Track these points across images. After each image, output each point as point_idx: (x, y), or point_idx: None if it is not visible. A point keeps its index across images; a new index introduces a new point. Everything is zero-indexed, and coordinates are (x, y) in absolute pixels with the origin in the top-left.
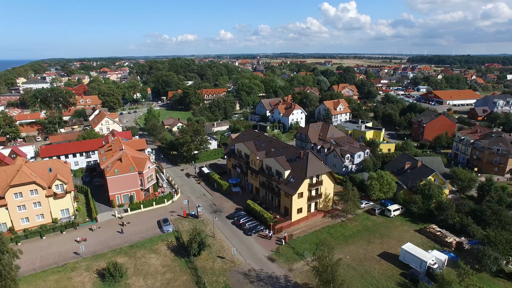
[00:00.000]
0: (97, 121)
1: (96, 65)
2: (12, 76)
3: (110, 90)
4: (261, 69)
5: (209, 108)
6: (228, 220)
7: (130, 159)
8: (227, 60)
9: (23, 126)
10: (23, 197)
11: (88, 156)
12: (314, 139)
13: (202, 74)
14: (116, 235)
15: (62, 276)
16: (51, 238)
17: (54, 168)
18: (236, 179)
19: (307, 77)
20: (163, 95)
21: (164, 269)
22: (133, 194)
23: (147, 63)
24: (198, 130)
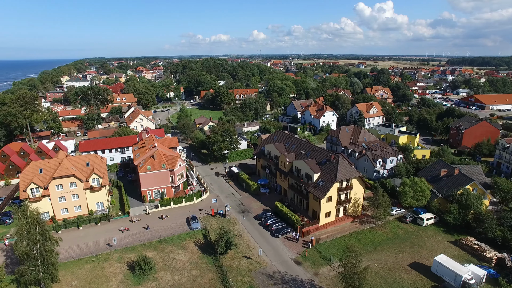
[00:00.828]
0: (132, 118)
1: (133, 64)
2: (57, 74)
3: (145, 88)
4: (293, 70)
5: (240, 108)
6: (256, 220)
7: (162, 157)
8: (259, 61)
9: (65, 122)
10: (63, 189)
11: (122, 152)
12: (345, 142)
13: (234, 74)
14: (144, 229)
15: (96, 265)
16: (87, 229)
17: (92, 162)
18: (265, 180)
19: (339, 79)
20: (196, 94)
21: (191, 265)
22: (163, 190)
23: (181, 62)
24: (228, 130)
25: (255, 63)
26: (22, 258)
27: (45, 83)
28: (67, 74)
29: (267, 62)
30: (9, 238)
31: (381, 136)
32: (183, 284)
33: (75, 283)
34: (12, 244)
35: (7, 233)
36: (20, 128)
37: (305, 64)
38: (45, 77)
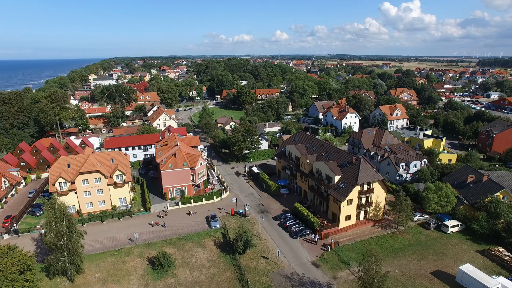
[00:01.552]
0: (155, 116)
1: (157, 64)
2: (85, 73)
3: (168, 87)
4: (316, 71)
5: (261, 108)
6: (275, 221)
7: (183, 155)
8: (281, 61)
9: (92, 119)
10: (89, 184)
11: (145, 150)
12: (367, 145)
13: (256, 74)
14: (168, 226)
15: (118, 259)
16: (110, 224)
17: (116, 159)
18: (285, 181)
19: (362, 80)
20: (218, 94)
21: (209, 263)
22: (184, 188)
23: (204, 62)
24: (250, 130)
25: (277, 63)
26: (51, 248)
27: (74, 82)
28: (95, 73)
29: (290, 63)
30: (39, 229)
31: (405, 139)
32: (201, 281)
33: (98, 275)
34: (42, 234)
35: (37, 224)
36: (50, 124)
37: (327, 64)
38: (74, 76)
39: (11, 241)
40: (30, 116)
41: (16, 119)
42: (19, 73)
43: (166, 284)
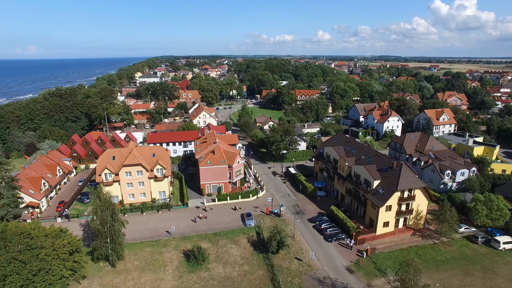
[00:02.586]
0: (196, 114)
1: (199, 62)
2: (132, 71)
3: (209, 86)
4: (358, 72)
5: (301, 109)
6: (310, 223)
7: (222, 153)
8: (322, 62)
9: (136, 115)
10: (131, 176)
11: (185, 146)
12: (410, 150)
13: (297, 75)
14: (203, 221)
15: (155, 250)
16: (149, 215)
17: (157, 153)
18: (322, 183)
19: (407, 83)
20: (258, 93)
21: (242, 260)
22: (221, 185)
23: (245, 61)
24: (288, 130)
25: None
26: (96, 234)
27: (122, 79)
28: (141, 71)
29: (331, 64)
30: (86, 215)
31: (452, 146)
32: (234, 278)
33: (136, 263)
34: (89, 221)
35: (85, 211)
36: (99, 118)
37: (370, 66)
38: (121, 73)
39: (63, 224)
40: (82, 110)
41: (70, 113)
42: (76, 70)
43: (200, 278)
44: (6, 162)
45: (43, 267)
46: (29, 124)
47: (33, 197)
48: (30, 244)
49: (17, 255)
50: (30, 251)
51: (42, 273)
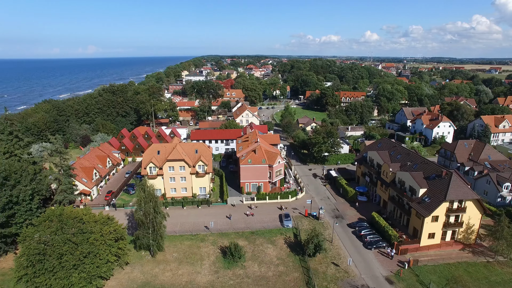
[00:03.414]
0: (239, 113)
1: (244, 62)
2: (179, 69)
3: (253, 85)
4: (407, 74)
5: (345, 111)
6: (349, 228)
7: (263, 152)
8: (369, 63)
9: (181, 112)
10: (174, 171)
11: (227, 144)
12: (462, 159)
13: (342, 76)
14: (240, 219)
15: (193, 243)
16: (189, 210)
17: (200, 150)
18: (364, 188)
19: (462, 86)
20: (301, 94)
21: (278, 261)
22: (261, 184)
23: (289, 62)
24: (331, 132)
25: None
26: (139, 224)
27: (169, 77)
28: (187, 69)
29: (378, 65)
30: (131, 206)
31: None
32: (269, 277)
33: (175, 255)
34: (133, 211)
35: (130, 202)
36: (147, 114)
37: (421, 68)
38: (169, 72)
39: (110, 212)
40: (132, 106)
41: (121, 108)
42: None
43: (235, 274)
44: (65, 152)
45: (92, 250)
46: (85, 118)
47: (85, 185)
48: (82, 228)
49: (71, 237)
50: (82, 235)
51: (91, 256)
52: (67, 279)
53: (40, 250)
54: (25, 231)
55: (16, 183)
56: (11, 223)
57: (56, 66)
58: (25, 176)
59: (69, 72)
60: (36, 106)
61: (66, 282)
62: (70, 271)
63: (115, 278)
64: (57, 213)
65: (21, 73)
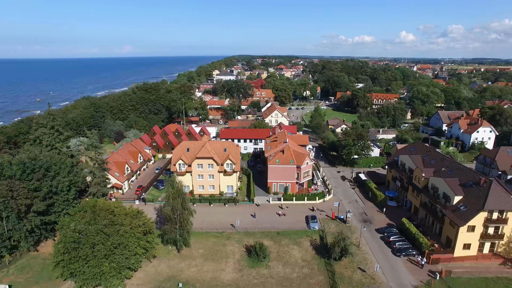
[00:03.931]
0: (268, 113)
1: (274, 62)
2: (210, 69)
3: (283, 85)
4: (444, 76)
5: (376, 114)
6: (377, 233)
7: (291, 153)
8: (403, 64)
9: (211, 110)
10: (202, 168)
11: (255, 143)
12: (504, 166)
13: (374, 78)
14: (266, 219)
15: (219, 241)
16: (216, 207)
17: (228, 149)
18: (394, 193)
19: (507, 89)
20: (332, 95)
21: (303, 263)
22: (288, 185)
23: (321, 62)
24: (361, 135)
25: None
26: (167, 219)
27: (200, 76)
28: (218, 69)
29: (413, 67)
30: (160, 201)
31: None
32: (293, 279)
33: (201, 251)
34: (162, 206)
35: (159, 197)
36: (177, 112)
37: (460, 70)
38: (200, 71)
39: (140, 206)
40: (163, 103)
41: (153, 106)
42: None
43: (259, 274)
44: (100, 147)
45: (122, 242)
46: (119, 114)
47: (118, 179)
48: (113, 220)
49: (103, 228)
50: (113, 226)
51: (121, 247)
52: (98, 268)
53: (75, 238)
54: (62, 220)
55: (56, 174)
56: (50, 211)
57: (95, 65)
58: (63, 168)
59: (107, 70)
60: (76, 103)
61: (98, 270)
62: (101, 260)
63: (143, 270)
64: (91, 204)
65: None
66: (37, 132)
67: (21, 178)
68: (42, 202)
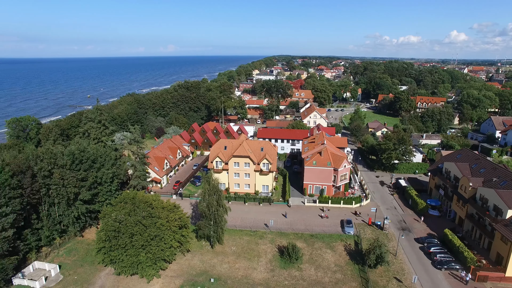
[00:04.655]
0: (307, 113)
1: (315, 63)
2: (250, 68)
3: (323, 86)
4: (500, 79)
5: (420, 118)
6: (416, 243)
7: (329, 155)
8: (453, 66)
9: (250, 110)
10: (239, 167)
11: (293, 144)
12: None
13: (420, 80)
14: (300, 220)
15: (252, 239)
16: (250, 206)
17: (265, 148)
18: (436, 201)
19: None
20: (373, 97)
21: (336, 268)
22: (324, 187)
23: (362, 64)
24: (403, 139)
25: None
26: (202, 215)
27: (240, 75)
28: (258, 69)
29: (463, 69)
30: (196, 197)
31: None
32: (325, 283)
33: (234, 249)
34: (198, 202)
35: (196, 193)
36: (217, 110)
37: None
38: (240, 70)
39: (176, 201)
40: (203, 102)
41: (193, 104)
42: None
43: (291, 275)
44: (141, 141)
45: (158, 234)
46: (161, 111)
47: (157, 174)
48: (151, 213)
49: (141, 220)
50: (151, 219)
51: (157, 239)
52: (135, 257)
53: (116, 227)
54: (105, 209)
55: (101, 166)
56: (95, 201)
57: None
58: (108, 160)
59: (152, 69)
60: (121, 99)
61: (135, 259)
62: (138, 250)
63: (177, 263)
64: (131, 196)
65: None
66: (86, 126)
67: (71, 168)
68: (88, 192)
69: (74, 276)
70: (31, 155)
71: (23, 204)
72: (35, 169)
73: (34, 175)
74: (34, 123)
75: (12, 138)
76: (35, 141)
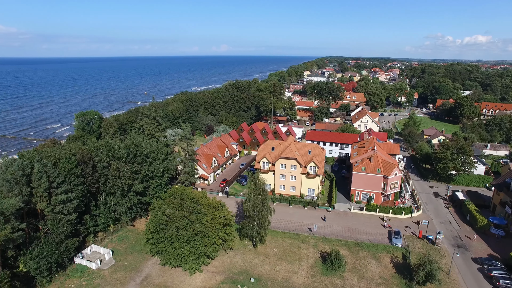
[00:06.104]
0: (358, 117)
1: (368, 65)
2: (301, 69)
3: (376, 89)
4: None
5: (485, 126)
6: (474, 264)
7: (379, 161)
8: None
9: (299, 111)
10: (285, 168)
11: (341, 148)
12: None
13: (487, 84)
14: (345, 227)
15: (294, 243)
16: (295, 209)
17: (313, 151)
18: (501, 220)
19: None
20: (431, 102)
21: (380, 280)
22: (372, 195)
23: (420, 66)
24: (463, 149)
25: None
26: (246, 215)
27: (291, 76)
28: (309, 70)
29: None
30: (242, 196)
31: None
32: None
33: (275, 250)
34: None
35: (241, 192)
36: (266, 111)
37: None
38: (291, 71)
39: (222, 199)
40: (253, 102)
41: (243, 103)
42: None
43: (332, 283)
44: (191, 139)
45: (203, 230)
46: (211, 109)
47: (205, 171)
48: (197, 209)
49: (187, 215)
50: (196, 215)
51: (201, 235)
52: (180, 251)
53: (163, 220)
54: (154, 202)
55: (153, 160)
56: (146, 193)
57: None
58: (159, 155)
59: (206, 67)
60: (175, 97)
61: (180, 253)
62: (183, 244)
63: (219, 260)
64: (179, 191)
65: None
66: (141, 122)
67: (126, 160)
68: (140, 184)
69: (124, 262)
70: (92, 147)
71: (84, 191)
72: (95, 160)
73: (94, 166)
74: (97, 117)
75: (79, 130)
76: (97, 134)
